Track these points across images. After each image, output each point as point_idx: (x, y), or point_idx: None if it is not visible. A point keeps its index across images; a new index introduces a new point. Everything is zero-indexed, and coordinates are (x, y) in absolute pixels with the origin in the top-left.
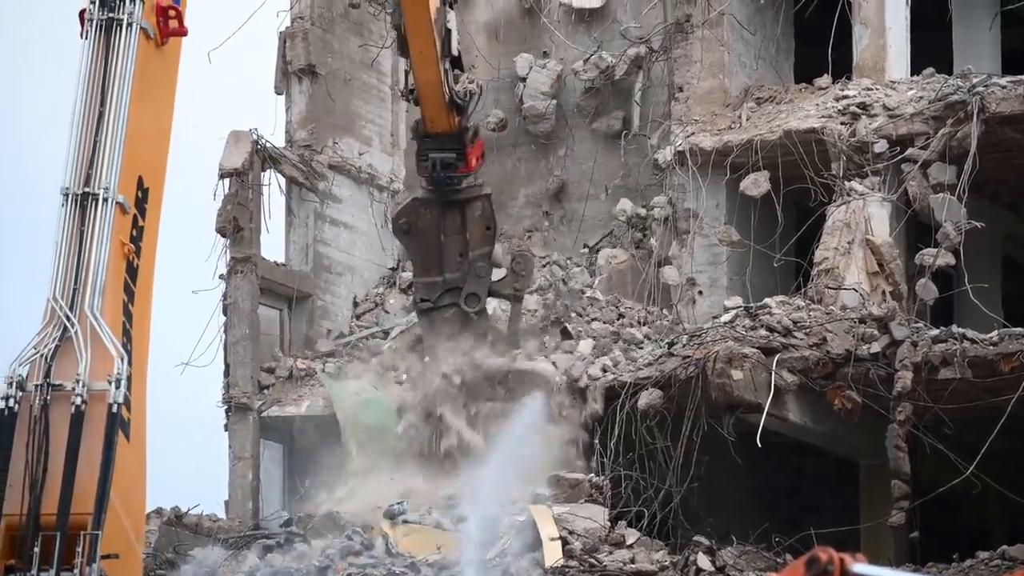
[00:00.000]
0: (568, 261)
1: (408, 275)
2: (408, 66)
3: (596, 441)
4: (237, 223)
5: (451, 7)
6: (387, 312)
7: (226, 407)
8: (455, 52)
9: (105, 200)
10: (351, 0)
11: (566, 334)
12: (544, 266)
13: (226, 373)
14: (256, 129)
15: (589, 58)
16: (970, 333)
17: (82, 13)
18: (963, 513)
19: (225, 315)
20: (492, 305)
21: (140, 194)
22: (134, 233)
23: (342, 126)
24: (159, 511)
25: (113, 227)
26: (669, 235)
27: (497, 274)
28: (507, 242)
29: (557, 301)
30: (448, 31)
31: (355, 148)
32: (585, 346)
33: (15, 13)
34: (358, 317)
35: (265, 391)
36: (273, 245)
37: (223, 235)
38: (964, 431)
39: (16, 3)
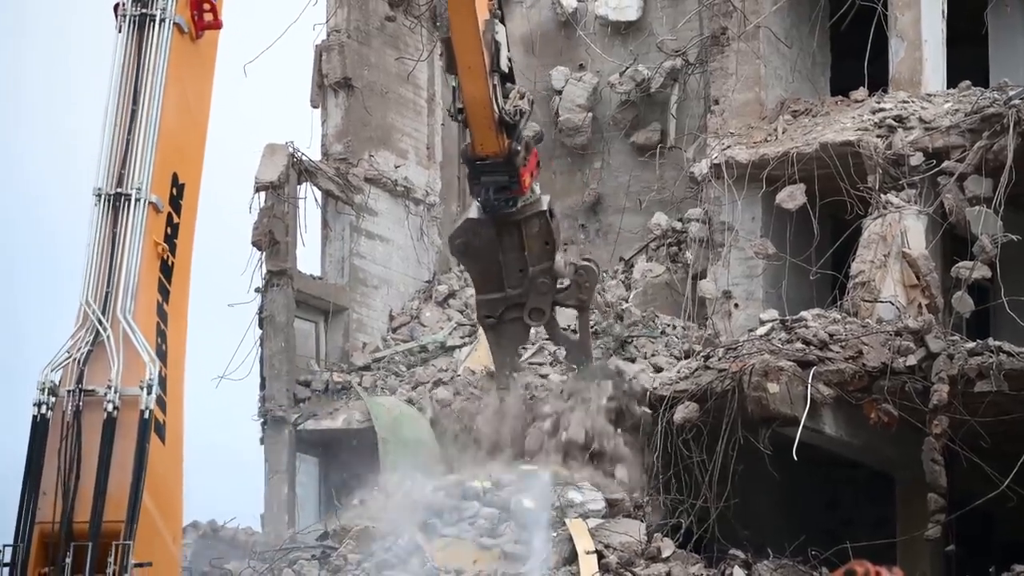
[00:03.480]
0: (604, 274)
1: (444, 288)
2: (456, 82)
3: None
4: (273, 236)
5: (501, 21)
6: (423, 325)
7: (262, 420)
8: (504, 67)
9: (138, 200)
10: (387, 13)
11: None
12: None
13: (262, 386)
14: (292, 142)
15: (625, 71)
16: (1006, 346)
17: (117, 7)
18: (999, 526)
19: (261, 328)
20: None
21: (175, 191)
22: (168, 231)
23: (378, 139)
24: (195, 524)
25: (146, 227)
26: (705, 248)
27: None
28: (569, 249)
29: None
30: (497, 44)
31: (391, 161)
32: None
33: (14, 12)
34: (394, 330)
35: (301, 404)
36: (309, 258)
37: (259, 248)
38: (1000, 444)
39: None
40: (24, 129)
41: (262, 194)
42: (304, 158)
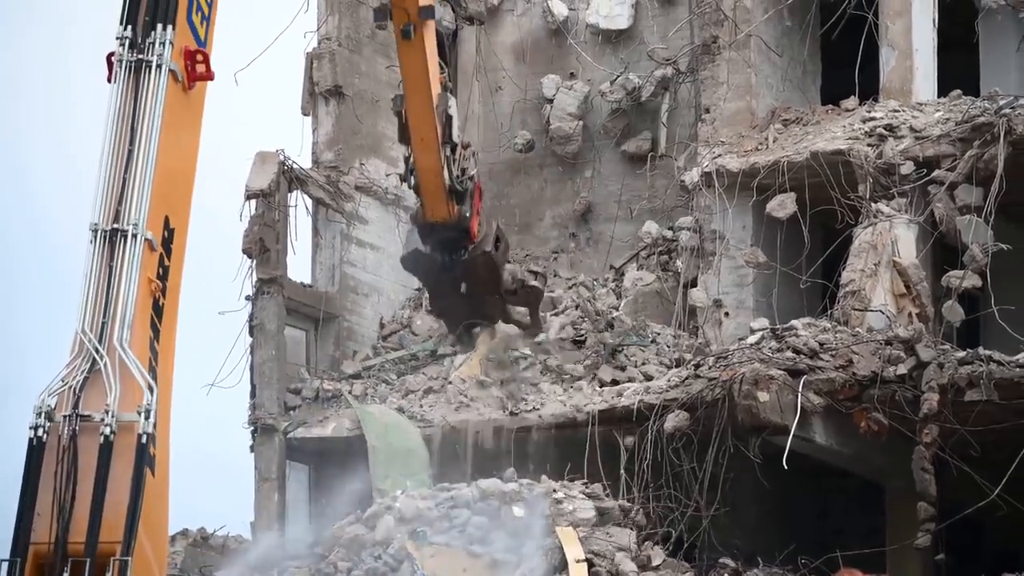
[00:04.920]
0: (594, 283)
1: None
2: (408, 152)
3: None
4: (263, 244)
5: (452, 93)
6: (414, 334)
7: (252, 428)
8: (456, 139)
9: (134, 236)
10: (379, 22)
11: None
12: (571, 287)
13: (252, 394)
14: (283, 150)
15: (616, 79)
16: (997, 355)
17: (109, 56)
18: (989, 535)
19: (251, 336)
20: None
21: (166, 234)
22: (160, 272)
23: (369, 147)
24: (185, 532)
25: (141, 263)
26: (695, 257)
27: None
28: (514, 268)
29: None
30: (449, 117)
31: (382, 169)
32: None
33: (15, 47)
34: (384, 338)
35: (291, 412)
36: (299, 266)
37: (249, 256)
38: (990, 453)
39: (15, 39)
40: (27, 147)
41: (253, 202)
42: (295, 166)
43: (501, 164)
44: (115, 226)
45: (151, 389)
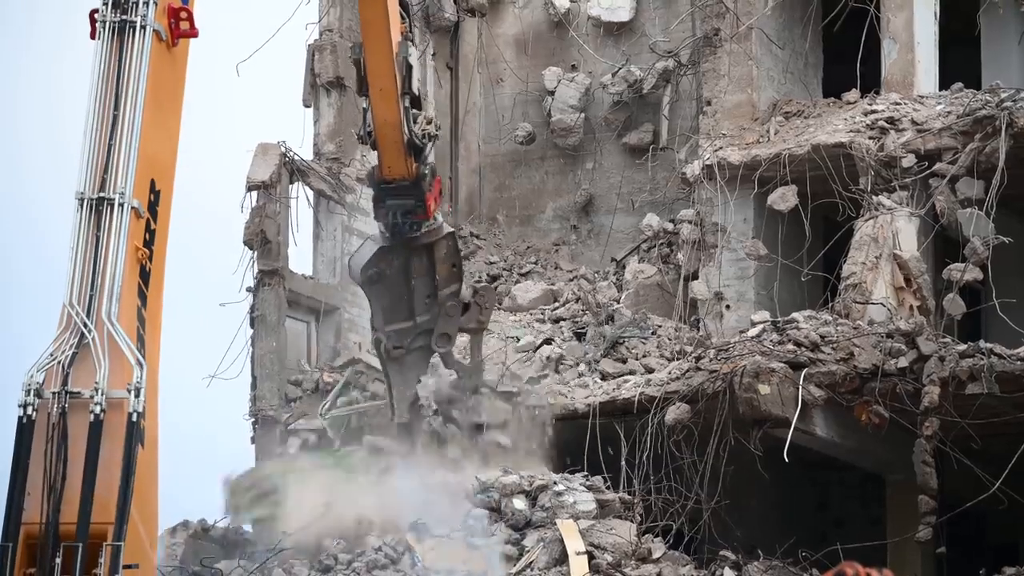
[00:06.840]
0: (595, 275)
1: None
2: (366, 104)
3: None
4: (264, 236)
5: (412, 43)
6: None
7: (253, 420)
8: (416, 90)
9: (121, 205)
10: None
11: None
12: (572, 280)
13: (253, 386)
14: (284, 141)
15: (617, 72)
16: (998, 348)
17: (92, 13)
18: (990, 528)
19: (252, 328)
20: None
21: (152, 197)
22: (147, 237)
23: None
24: (185, 524)
25: (128, 232)
26: (697, 249)
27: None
28: (467, 277)
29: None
30: (409, 67)
31: None
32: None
33: (14, 15)
34: None
35: (292, 404)
36: (300, 258)
37: (250, 248)
38: (991, 446)
39: (14, 5)
40: (21, 130)
41: (254, 193)
42: (296, 157)
43: (502, 156)
44: (101, 195)
45: (141, 365)
